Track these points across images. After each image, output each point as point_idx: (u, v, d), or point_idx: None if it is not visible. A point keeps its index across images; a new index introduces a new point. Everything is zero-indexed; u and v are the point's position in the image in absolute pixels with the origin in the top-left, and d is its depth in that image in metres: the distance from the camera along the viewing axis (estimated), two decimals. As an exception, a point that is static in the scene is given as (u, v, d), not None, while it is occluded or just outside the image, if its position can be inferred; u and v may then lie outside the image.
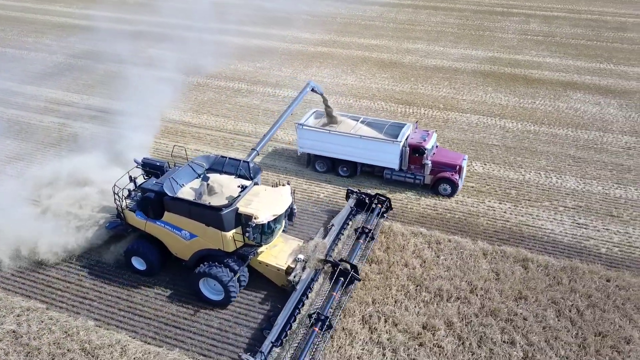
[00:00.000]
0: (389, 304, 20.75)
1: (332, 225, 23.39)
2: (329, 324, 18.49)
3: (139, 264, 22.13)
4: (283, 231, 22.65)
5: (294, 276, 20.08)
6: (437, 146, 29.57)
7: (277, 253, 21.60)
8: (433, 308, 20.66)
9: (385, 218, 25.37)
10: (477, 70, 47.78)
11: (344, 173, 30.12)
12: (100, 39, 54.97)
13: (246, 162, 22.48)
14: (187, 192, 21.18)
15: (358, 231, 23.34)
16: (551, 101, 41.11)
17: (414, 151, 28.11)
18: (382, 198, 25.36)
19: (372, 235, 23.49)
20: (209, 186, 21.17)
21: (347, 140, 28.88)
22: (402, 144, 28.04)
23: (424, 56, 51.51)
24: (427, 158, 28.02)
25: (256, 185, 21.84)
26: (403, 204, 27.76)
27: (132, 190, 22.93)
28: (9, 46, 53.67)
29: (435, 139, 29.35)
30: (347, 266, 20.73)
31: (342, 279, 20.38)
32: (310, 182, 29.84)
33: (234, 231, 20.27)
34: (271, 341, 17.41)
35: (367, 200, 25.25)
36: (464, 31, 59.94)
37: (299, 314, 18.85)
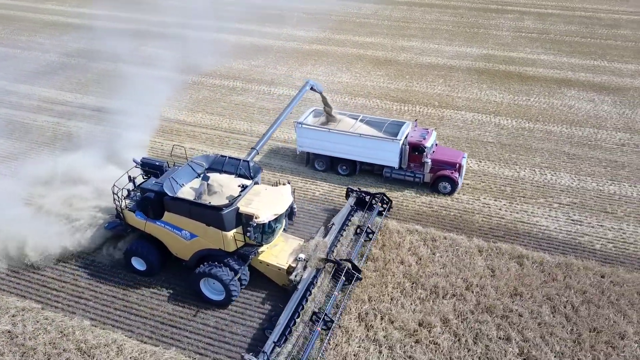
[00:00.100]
0: (385, 301, 20.80)
1: (333, 224, 23.36)
2: (331, 323, 18.46)
3: (139, 264, 22.03)
4: (283, 230, 22.60)
5: (295, 275, 20.04)
6: (436, 144, 29.58)
7: (277, 252, 21.54)
8: (429, 305, 20.73)
9: (385, 217, 25.37)
10: (472, 67, 47.86)
11: (343, 172, 30.09)
12: (93, 37, 54.82)
13: (246, 161, 22.39)
14: (187, 192, 21.08)
15: (359, 230, 23.28)
16: (546, 98, 41.26)
17: (414, 149, 28.10)
18: (385, 198, 25.40)
19: (373, 232, 23.47)
20: (209, 186, 21.06)
21: (346, 139, 28.81)
22: (402, 142, 28.02)
23: (419, 54, 51.54)
24: (426, 156, 28.01)
25: (256, 184, 21.76)
26: (399, 201, 27.78)
27: (131, 190, 22.82)
28: (1, 45, 53.29)
29: (435, 137, 29.35)
30: (348, 265, 20.71)
31: (343, 277, 20.37)
32: (306, 180, 29.84)
33: (234, 231, 20.21)
34: (273, 341, 17.38)
35: (367, 199, 25.21)
36: (458, 28, 60.02)
37: (300, 314, 18.82)
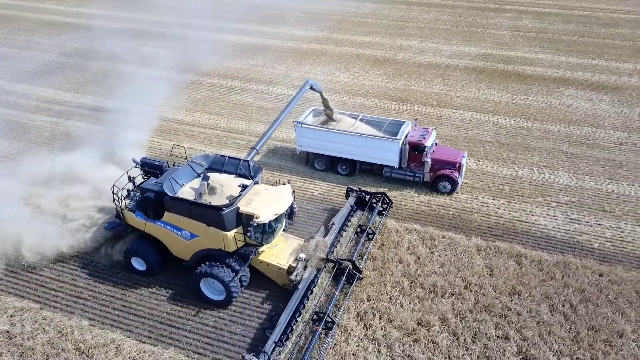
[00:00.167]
0: (383, 300, 20.82)
1: (333, 223, 23.31)
2: (331, 323, 18.46)
3: (139, 264, 21.98)
4: (283, 230, 22.56)
5: (295, 275, 19.98)
6: (436, 143, 29.54)
7: (278, 252, 21.50)
8: (427, 304, 20.74)
9: (385, 216, 25.37)
10: (470, 66, 47.88)
11: (343, 171, 30.05)
12: (91, 37, 54.73)
13: (246, 161, 22.34)
14: (187, 192, 21.01)
15: (359, 230, 23.24)
16: (544, 97, 41.29)
17: (414, 149, 28.06)
18: (384, 198, 25.38)
19: (373, 233, 23.45)
20: (209, 186, 21.01)
21: (346, 139, 28.76)
22: (402, 141, 27.99)
23: (417, 53, 51.54)
24: (426, 156, 27.98)
25: (256, 184, 21.71)
26: (397, 200, 27.79)
27: (131, 190, 22.76)
28: (-1, 44, 53.34)
29: (435, 137, 29.31)
30: (349, 265, 20.69)
31: (344, 277, 20.35)
32: (305, 179, 29.83)
33: (235, 231, 20.17)
34: (274, 341, 17.34)
35: (367, 198, 25.19)
36: (456, 28, 60.04)
37: (301, 314, 18.77)
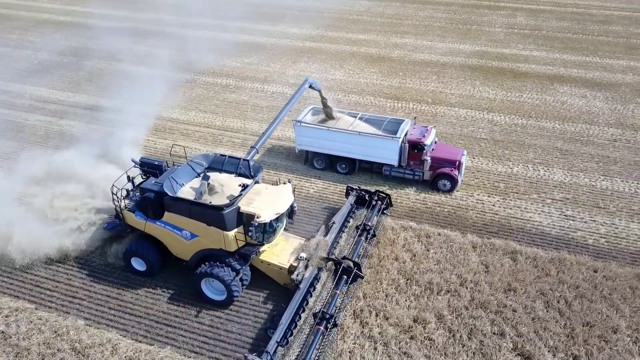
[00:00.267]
0: (379, 298, 20.85)
1: (333, 222, 23.24)
2: (334, 323, 18.44)
3: (138, 265, 21.88)
4: (284, 229, 22.46)
5: (297, 275, 19.91)
6: (436, 142, 29.54)
7: (279, 252, 21.44)
8: (423, 301, 20.80)
9: (385, 215, 25.33)
10: (465, 64, 47.97)
11: (342, 170, 30.03)
12: (86, 35, 54.53)
13: (246, 160, 22.28)
14: (187, 192, 20.91)
15: (360, 229, 23.22)
16: (538, 94, 41.42)
17: (413, 147, 28.03)
18: (382, 195, 25.37)
19: (374, 232, 23.44)
20: (209, 185, 20.91)
21: (345, 137, 28.72)
22: (401, 140, 27.98)
23: (412, 50, 51.58)
24: (426, 154, 27.98)
25: (257, 183, 21.63)
26: (393, 198, 27.78)
27: (130, 190, 22.62)
28: (-8, 43, 52.98)
29: (434, 135, 29.29)
30: (350, 264, 20.66)
31: (345, 277, 20.32)
32: (300, 177, 29.81)
33: (235, 230, 20.10)
34: (276, 341, 17.29)
35: (367, 197, 25.15)
36: (451, 25, 60.12)
37: (303, 313, 18.72)
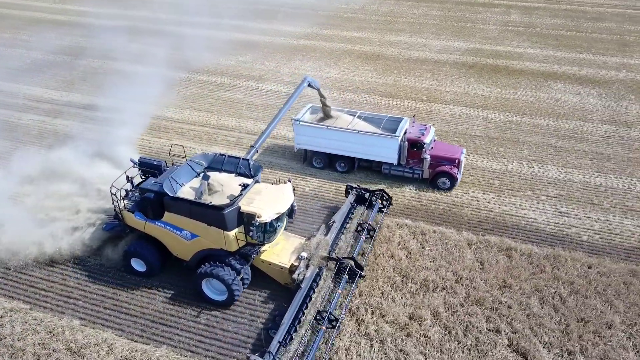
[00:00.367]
0: (375, 295, 20.89)
1: (334, 221, 23.20)
2: (335, 322, 18.41)
3: (138, 265, 21.77)
4: (284, 229, 22.40)
5: (298, 274, 19.87)
6: (435, 140, 29.55)
7: (279, 251, 21.39)
8: (419, 299, 20.85)
9: (385, 213, 25.31)
10: (460, 61, 48.03)
11: (341, 169, 30.00)
12: (79, 34, 54.23)
13: (246, 159, 22.20)
14: (187, 192, 20.81)
15: (360, 227, 23.16)
16: (532, 91, 41.55)
17: (413, 145, 28.02)
18: (385, 195, 25.31)
19: (374, 231, 23.41)
20: (209, 185, 20.81)
21: (344, 136, 28.68)
22: (401, 138, 27.97)
23: (407, 48, 51.61)
24: (425, 152, 27.99)
25: (257, 183, 21.55)
26: (388, 196, 27.92)
27: (129, 191, 22.46)
28: (-16, 42, 52.59)
29: (434, 133, 29.28)
30: (351, 263, 20.64)
31: (346, 276, 20.30)
32: (296, 175, 29.77)
33: (236, 230, 20.03)
34: (278, 341, 17.24)
35: (367, 196, 25.09)
36: (446, 23, 60.17)
37: (304, 313, 18.67)
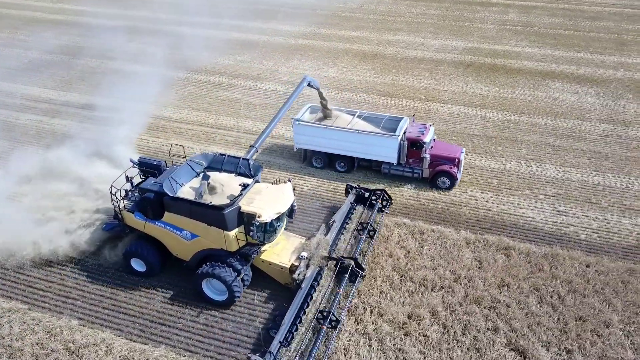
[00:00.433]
0: (374, 294, 20.90)
1: (334, 221, 23.18)
2: (336, 322, 18.40)
3: (138, 265, 21.74)
4: (284, 228, 22.38)
5: (298, 274, 19.86)
6: (434, 139, 29.55)
7: (279, 251, 21.38)
8: (418, 298, 20.87)
9: (385, 213, 25.30)
10: (458, 61, 48.05)
11: (341, 168, 30.00)
12: (76, 33, 54.12)
13: (246, 159, 22.17)
14: (187, 192, 20.78)
15: (360, 227, 23.18)
16: (530, 91, 41.59)
17: (412, 145, 28.04)
18: (383, 194, 25.24)
19: (374, 230, 23.41)
20: (209, 185, 20.79)
21: (344, 135, 28.68)
22: (400, 137, 27.97)
23: (405, 47, 51.61)
24: (425, 152, 28.01)
25: (257, 183, 21.53)
26: (386, 195, 27.92)
27: (129, 191, 22.40)
28: (-18, 42, 52.47)
29: (433, 132, 29.27)
30: (351, 262, 20.63)
31: (347, 275, 20.29)
32: (294, 175, 29.74)
33: (236, 230, 20.02)
34: (279, 341, 17.25)
35: (367, 195, 25.07)
36: (444, 22, 60.19)
37: (305, 313, 18.66)
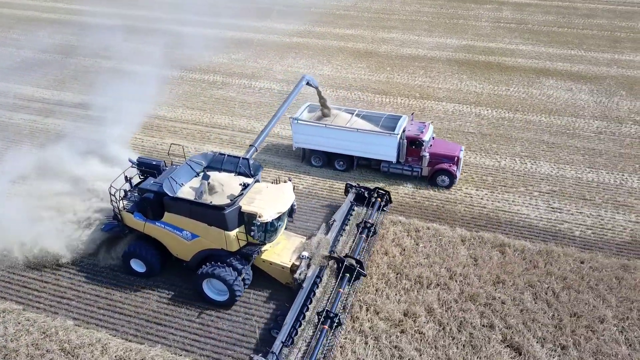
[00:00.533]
0: (370, 292, 20.94)
1: (334, 220, 23.14)
2: (338, 322, 18.39)
3: (138, 266, 21.64)
4: (285, 228, 22.31)
5: (299, 274, 19.82)
6: (433, 137, 29.56)
7: (280, 251, 21.33)
8: (413, 295, 20.92)
9: (385, 212, 25.27)
10: (452, 58, 48.13)
11: (340, 167, 29.99)
12: (70, 32, 53.84)
13: (245, 159, 22.10)
14: (187, 192, 20.68)
15: (360, 226, 23.16)
16: (525, 88, 41.72)
17: (411, 143, 28.04)
18: (381, 192, 25.23)
19: (374, 229, 23.40)
20: (209, 185, 20.71)
21: (343, 134, 28.65)
22: (400, 136, 27.96)
23: (400, 45, 51.64)
24: (424, 150, 28.03)
25: (257, 182, 21.46)
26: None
27: (128, 191, 22.29)
28: (-26, 41, 52.12)
29: (432, 131, 29.28)
30: (352, 262, 20.59)
31: (348, 275, 20.27)
32: (291, 174, 29.69)
33: (237, 230, 19.95)
34: (281, 341, 17.19)
35: (367, 194, 25.04)
36: (438, 19, 60.25)
37: (307, 312, 18.60)
